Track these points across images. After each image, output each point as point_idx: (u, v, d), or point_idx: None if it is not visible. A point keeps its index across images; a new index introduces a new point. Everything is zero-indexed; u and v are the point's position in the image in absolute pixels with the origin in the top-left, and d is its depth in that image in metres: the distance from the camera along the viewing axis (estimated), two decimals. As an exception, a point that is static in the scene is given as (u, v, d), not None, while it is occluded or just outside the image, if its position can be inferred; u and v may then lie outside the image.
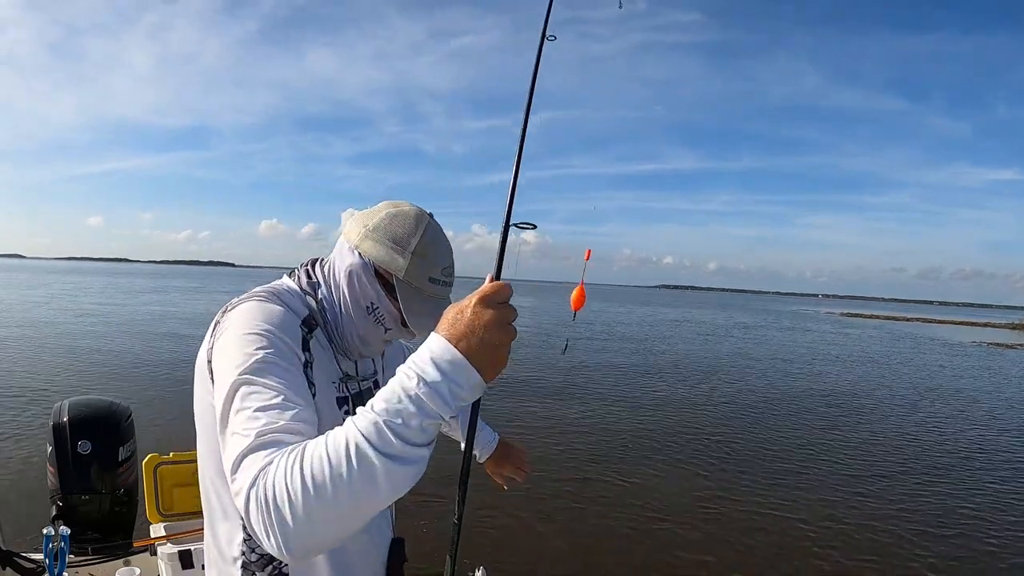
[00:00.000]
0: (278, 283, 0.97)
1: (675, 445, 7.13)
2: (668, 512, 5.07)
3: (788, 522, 4.99)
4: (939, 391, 12.65)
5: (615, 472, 6.01)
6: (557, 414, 8.30)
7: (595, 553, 4.32)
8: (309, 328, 0.91)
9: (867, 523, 5.07)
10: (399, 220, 0.94)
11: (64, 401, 2.70)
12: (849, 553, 4.51)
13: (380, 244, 0.93)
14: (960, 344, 27.47)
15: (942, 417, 9.86)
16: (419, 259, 0.92)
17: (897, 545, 4.71)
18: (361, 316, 0.95)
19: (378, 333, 0.97)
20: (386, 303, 0.94)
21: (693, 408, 9.40)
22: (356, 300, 0.95)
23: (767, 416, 9.15)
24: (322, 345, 0.94)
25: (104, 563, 2.19)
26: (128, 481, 2.65)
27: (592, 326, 24.59)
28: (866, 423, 9.08)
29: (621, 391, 10.48)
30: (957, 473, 6.74)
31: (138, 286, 44.67)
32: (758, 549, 4.50)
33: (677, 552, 4.37)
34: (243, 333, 0.81)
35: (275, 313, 0.85)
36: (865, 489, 5.97)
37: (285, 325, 0.85)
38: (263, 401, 0.73)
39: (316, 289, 0.97)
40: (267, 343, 0.80)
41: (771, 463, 6.63)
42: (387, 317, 0.95)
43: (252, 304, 0.87)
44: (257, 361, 0.77)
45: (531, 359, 13.07)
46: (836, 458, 7.01)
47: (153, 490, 2.21)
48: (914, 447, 7.76)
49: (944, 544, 4.78)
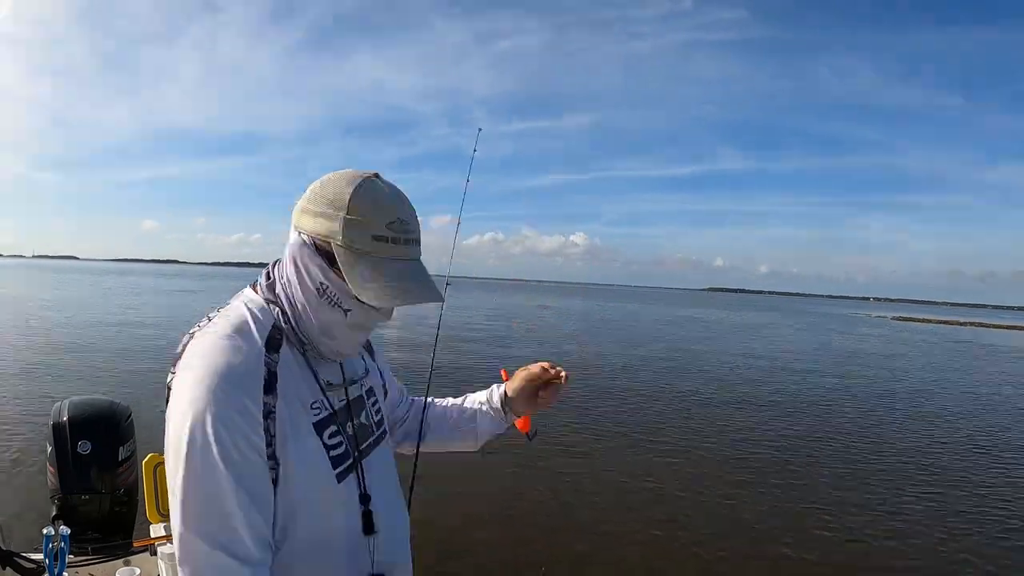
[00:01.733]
0: (241, 301, 0.88)
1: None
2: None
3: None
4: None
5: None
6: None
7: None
8: (275, 348, 0.83)
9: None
10: (330, 184, 0.84)
11: (64, 401, 2.70)
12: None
13: (314, 215, 0.83)
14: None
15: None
16: (356, 218, 0.80)
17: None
18: (315, 302, 0.85)
19: (338, 318, 0.86)
20: (332, 278, 0.83)
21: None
22: (306, 285, 0.85)
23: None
24: (295, 360, 0.86)
25: (104, 563, 2.19)
26: (128, 481, 2.65)
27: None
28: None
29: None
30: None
31: (176, 286, 44.84)
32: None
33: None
34: (191, 408, 0.75)
35: (231, 365, 0.77)
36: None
37: (241, 378, 0.77)
38: (205, 509, 0.74)
39: (275, 290, 0.88)
40: (214, 429, 0.74)
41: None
42: (339, 295, 0.84)
43: (207, 351, 0.79)
44: (201, 456, 0.74)
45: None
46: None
47: (153, 490, 2.20)
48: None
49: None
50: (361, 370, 1.02)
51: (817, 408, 10.00)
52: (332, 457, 0.86)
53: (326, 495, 0.85)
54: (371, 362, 1.09)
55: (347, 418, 0.92)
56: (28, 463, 5.10)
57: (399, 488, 1.04)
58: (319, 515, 0.84)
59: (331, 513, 0.85)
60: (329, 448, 0.86)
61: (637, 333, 23.14)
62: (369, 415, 0.99)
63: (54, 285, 37.92)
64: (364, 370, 1.03)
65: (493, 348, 15.40)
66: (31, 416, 6.54)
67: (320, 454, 0.85)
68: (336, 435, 0.88)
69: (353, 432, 0.92)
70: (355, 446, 0.91)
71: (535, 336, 19.92)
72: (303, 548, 0.82)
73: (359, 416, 0.95)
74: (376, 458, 0.96)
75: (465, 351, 14.00)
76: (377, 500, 0.91)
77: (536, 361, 1.18)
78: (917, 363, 18.07)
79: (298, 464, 0.81)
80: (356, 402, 0.95)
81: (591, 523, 4.80)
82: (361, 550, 0.88)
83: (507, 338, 18.39)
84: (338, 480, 0.86)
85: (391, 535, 0.94)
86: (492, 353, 14.14)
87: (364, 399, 0.99)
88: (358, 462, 0.90)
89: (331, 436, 0.87)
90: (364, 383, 1.01)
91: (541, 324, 24.99)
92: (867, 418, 9.45)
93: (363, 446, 0.93)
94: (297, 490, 0.81)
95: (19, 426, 6.23)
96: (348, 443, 0.89)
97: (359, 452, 0.91)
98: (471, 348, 14.84)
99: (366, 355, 1.08)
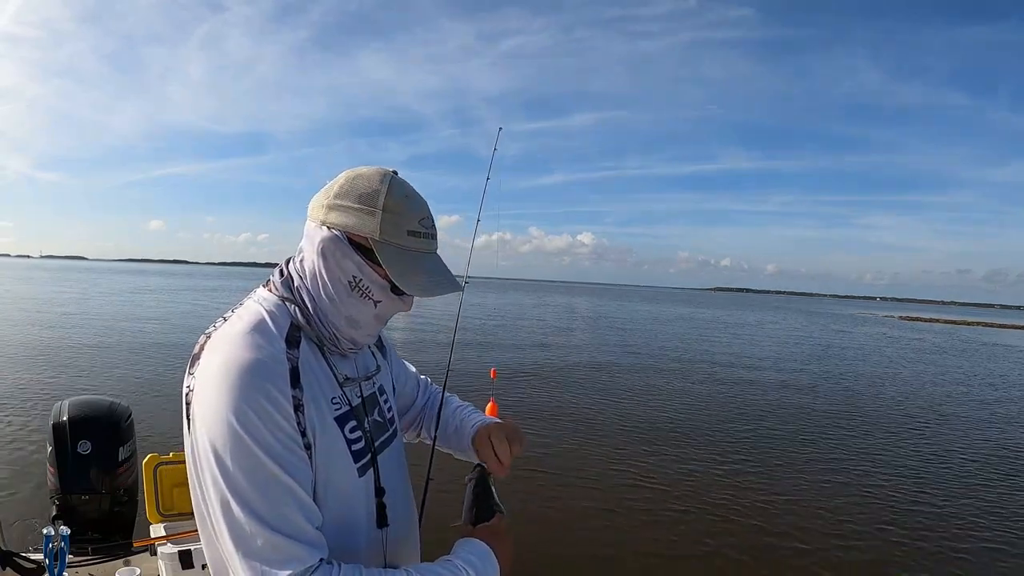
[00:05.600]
0: (255, 300, 0.88)
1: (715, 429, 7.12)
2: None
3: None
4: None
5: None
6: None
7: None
8: (295, 344, 0.84)
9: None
10: (361, 181, 0.86)
11: (64, 401, 2.70)
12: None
13: (347, 210, 0.85)
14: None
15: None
16: (392, 214, 0.84)
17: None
18: (344, 295, 0.86)
19: (367, 310, 0.88)
20: (368, 272, 0.85)
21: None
22: (336, 279, 0.86)
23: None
24: (313, 356, 0.87)
25: (104, 563, 2.19)
26: (128, 481, 2.66)
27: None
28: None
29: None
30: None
31: (182, 285, 44.67)
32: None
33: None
34: (222, 405, 0.74)
35: (257, 360, 0.77)
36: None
37: (268, 372, 0.77)
38: (256, 497, 0.74)
39: (291, 287, 0.89)
40: (250, 422, 0.74)
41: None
42: (373, 288, 0.86)
43: (229, 349, 0.78)
44: (243, 449, 0.73)
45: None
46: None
47: (153, 490, 2.21)
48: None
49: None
50: (373, 366, 1.02)
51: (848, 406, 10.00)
52: (354, 451, 0.88)
53: (349, 488, 0.87)
54: (383, 360, 1.09)
55: (364, 415, 0.94)
56: (28, 463, 5.10)
57: (409, 484, 1.06)
58: (342, 508, 0.85)
59: (352, 506, 0.87)
60: (351, 443, 0.88)
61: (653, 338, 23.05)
62: (383, 412, 1.01)
63: (59, 285, 37.95)
64: (376, 366, 1.03)
65: (490, 349, 15.40)
66: (31, 416, 6.55)
67: (343, 448, 0.86)
68: (356, 430, 0.90)
69: (369, 428, 0.94)
70: (371, 442, 0.93)
71: (531, 338, 19.87)
72: (327, 540, 0.82)
73: (373, 413, 0.97)
74: (389, 454, 0.98)
75: (464, 353, 14.03)
76: (390, 494, 0.93)
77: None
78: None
79: (324, 456, 0.82)
80: (370, 399, 0.97)
81: (599, 520, 4.80)
82: (375, 544, 0.91)
83: (502, 338, 18.40)
84: (359, 474, 0.88)
85: (403, 529, 0.97)
86: (491, 354, 14.13)
87: (377, 396, 1.01)
88: (375, 457, 0.93)
89: (352, 431, 0.89)
90: (377, 380, 1.02)
91: (539, 325, 24.97)
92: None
93: (378, 442, 0.95)
94: (323, 482, 0.82)
95: (19, 426, 6.23)
96: (367, 439, 0.92)
97: (375, 448, 0.93)
98: (470, 351, 14.85)
99: (378, 353, 1.09)
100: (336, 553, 0.83)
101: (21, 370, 9.24)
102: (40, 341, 12.40)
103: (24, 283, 39.36)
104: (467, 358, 12.92)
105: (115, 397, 2.92)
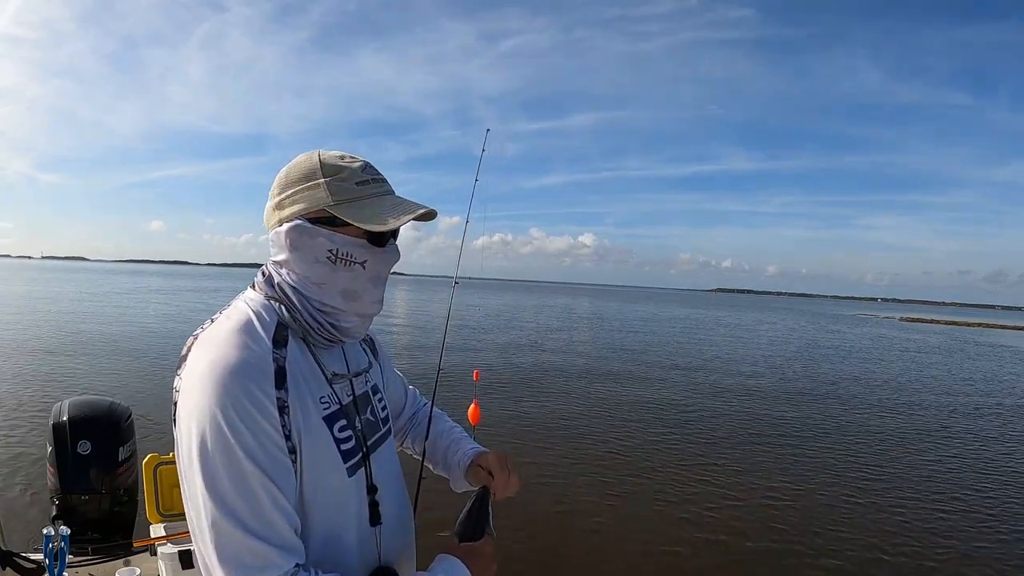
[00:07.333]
0: (242, 300, 0.89)
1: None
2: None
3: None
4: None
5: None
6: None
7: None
8: (282, 343, 0.84)
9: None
10: (293, 168, 0.89)
11: (64, 401, 2.70)
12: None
13: (293, 197, 0.87)
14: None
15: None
16: (335, 177, 0.86)
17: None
18: (329, 273, 0.86)
19: (359, 276, 0.88)
20: (340, 238, 0.86)
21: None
22: (315, 260, 0.86)
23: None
24: (301, 354, 0.87)
25: (104, 563, 2.19)
26: (128, 481, 2.66)
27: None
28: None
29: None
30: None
31: (183, 286, 44.50)
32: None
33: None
34: (206, 405, 0.75)
35: (241, 361, 0.77)
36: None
37: (252, 373, 0.77)
38: (236, 500, 0.73)
39: (273, 284, 0.89)
40: (232, 423, 0.74)
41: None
42: (353, 250, 0.86)
43: (215, 349, 0.79)
44: (225, 450, 0.74)
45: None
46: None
47: (153, 490, 2.21)
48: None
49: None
50: (364, 363, 1.02)
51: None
52: (343, 451, 0.87)
53: (338, 489, 0.86)
54: (374, 359, 1.09)
55: (355, 413, 0.93)
56: (28, 463, 5.10)
57: (403, 483, 1.06)
58: (332, 508, 0.85)
59: (343, 506, 0.87)
60: (339, 442, 0.87)
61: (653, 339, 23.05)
62: (375, 411, 1.00)
63: (59, 286, 37.94)
64: (367, 363, 1.03)
65: (486, 354, 15.39)
66: (31, 416, 6.55)
67: (331, 448, 0.85)
68: (345, 429, 0.89)
69: (361, 427, 0.93)
70: (363, 441, 0.92)
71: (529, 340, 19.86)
72: (316, 542, 0.83)
73: (366, 412, 0.97)
74: (382, 453, 0.98)
75: (465, 351, 14.02)
76: (383, 492, 0.93)
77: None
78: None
79: (311, 458, 0.82)
80: (362, 398, 0.96)
81: (594, 519, 4.81)
82: (369, 541, 0.90)
83: (502, 338, 18.39)
84: (349, 474, 0.88)
85: (396, 527, 0.96)
86: (483, 358, 14.12)
87: (370, 395, 1.00)
88: (367, 456, 0.92)
89: (341, 430, 0.88)
90: (369, 378, 1.01)
91: (542, 325, 24.99)
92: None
93: (370, 442, 0.95)
94: (311, 484, 0.82)
95: (19, 426, 6.23)
96: (357, 438, 0.91)
97: (367, 447, 0.93)
98: (466, 354, 14.84)
99: (368, 351, 1.09)
100: (329, 552, 0.83)
101: (21, 370, 9.23)
102: (40, 341, 12.40)
103: (25, 284, 39.34)
104: (457, 360, 12.92)
105: (115, 397, 2.92)
